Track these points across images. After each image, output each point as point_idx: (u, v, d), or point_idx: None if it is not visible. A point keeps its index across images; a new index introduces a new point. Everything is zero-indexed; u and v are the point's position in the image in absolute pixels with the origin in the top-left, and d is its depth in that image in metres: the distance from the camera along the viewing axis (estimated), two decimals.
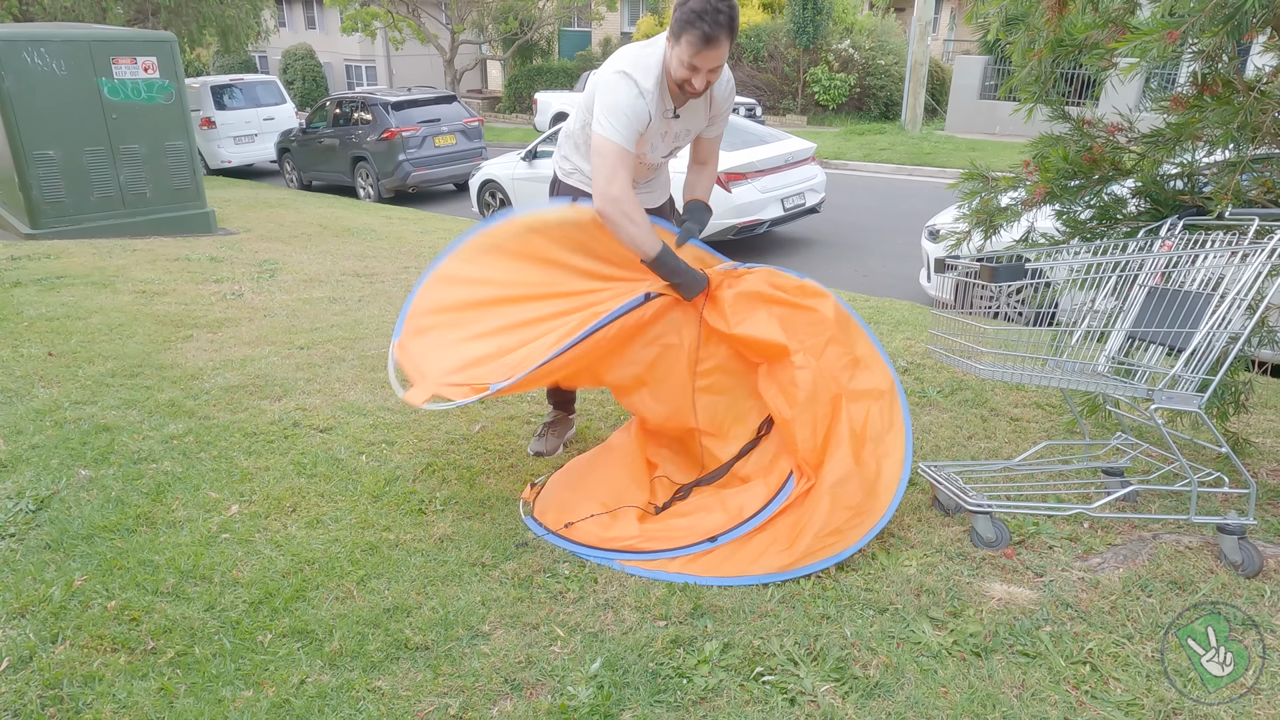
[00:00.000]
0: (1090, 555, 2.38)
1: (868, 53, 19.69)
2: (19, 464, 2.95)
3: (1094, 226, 2.91)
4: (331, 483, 2.83)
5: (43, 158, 7.36)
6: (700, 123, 2.64)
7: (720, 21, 2.21)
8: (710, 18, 2.20)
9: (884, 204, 10.48)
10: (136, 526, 2.56)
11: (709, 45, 2.24)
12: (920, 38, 15.97)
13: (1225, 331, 2.28)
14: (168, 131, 8.00)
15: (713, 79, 2.36)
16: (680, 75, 2.34)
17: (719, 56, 2.28)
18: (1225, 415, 2.80)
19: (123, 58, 7.57)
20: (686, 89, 2.38)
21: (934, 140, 15.55)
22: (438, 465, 2.95)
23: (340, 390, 3.66)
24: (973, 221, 3.03)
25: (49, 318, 4.75)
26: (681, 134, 2.62)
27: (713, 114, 2.65)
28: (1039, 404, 3.57)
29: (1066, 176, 2.82)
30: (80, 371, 3.86)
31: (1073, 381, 2.43)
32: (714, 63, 2.29)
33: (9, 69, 7.03)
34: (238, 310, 5.04)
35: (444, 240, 7.95)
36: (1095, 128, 2.98)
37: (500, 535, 2.50)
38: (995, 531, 2.41)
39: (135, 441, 3.12)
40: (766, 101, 20.09)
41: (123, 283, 5.69)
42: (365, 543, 2.47)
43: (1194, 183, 2.80)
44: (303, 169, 13.46)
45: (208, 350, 4.22)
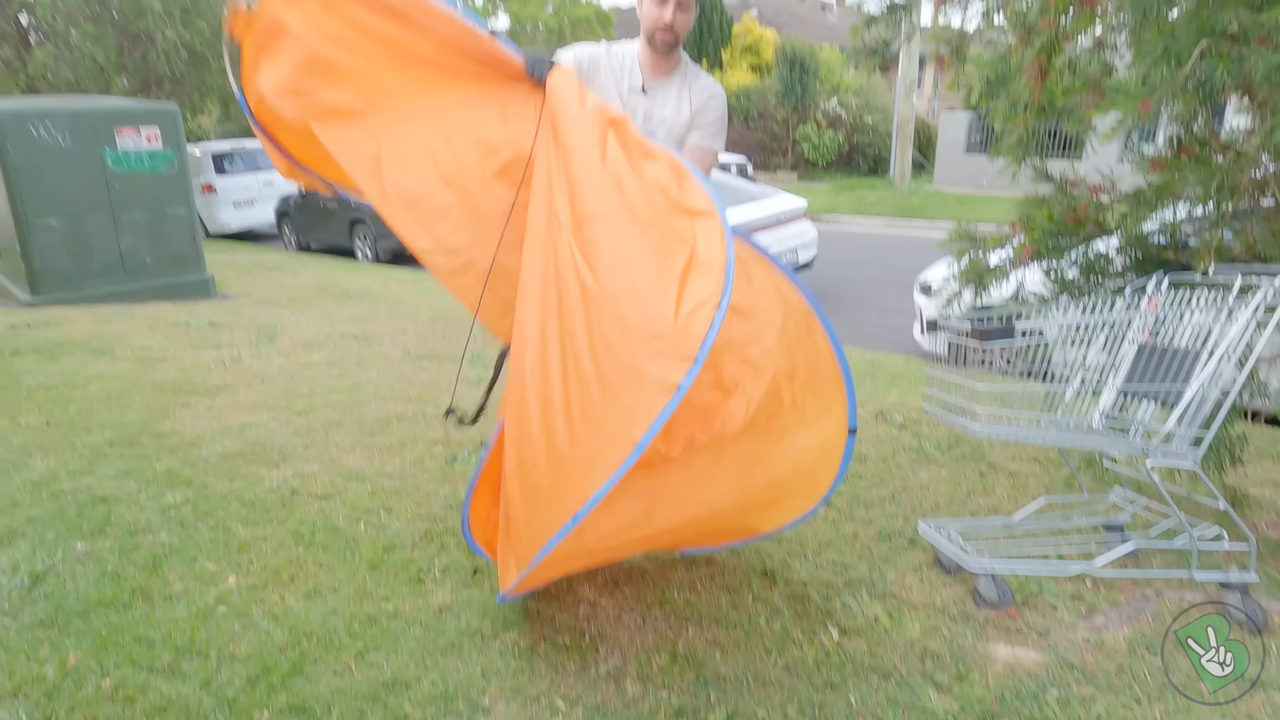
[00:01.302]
0: (1094, 614, 2.37)
1: (855, 111, 20.20)
2: (15, 537, 2.93)
3: (1082, 284, 2.97)
4: (330, 552, 2.81)
5: (45, 226, 7.46)
6: (671, 112, 2.48)
7: None
8: None
9: (875, 258, 10.62)
10: (133, 601, 2.53)
11: None
12: (905, 96, 16.40)
13: (1216, 387, 2.31)
14: (169, 199, 8.12)
15: (687, 17, 2.36)
16: (651, 14, 2.33)
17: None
18: (1222, 468, 2.81)
19: (127, 128, 7.73)
20: (659, 36, 2.35)
21: (922, 194, 15.83)
22: (436, 531, 2.94)
23: (338, 456, 3.66)
24: (963, 281, 3.08)
25: (47, 386, 4.76)
26: (655, 119, 2.47)
27: (696, 116, 2.49)
28: (1036, 458, 3.58)
29: (1052, 236, 2.89)
30: (78, 441, 3.86)
31: (1069, 439, 2.45)
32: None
33: (14, 141, 7.18)
34: (236, 376, 5.05)
35: (440, 300, 8.03)
36: (1078, 188, 3.06)
37: (499, 605, 2.48)
38: (998, 591, 2.40)
39: (132, 512, 3.11)
40: (757, 159, 20.50)
41: (122, 349, 5.72)
42: (364, 614, 2.44)
43: (1176, 240, 2.86)
44: (301, 232, 13.62)
45: (206, 417, 4.23)
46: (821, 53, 20.50)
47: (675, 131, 2.50)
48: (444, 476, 3.43)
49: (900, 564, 2.69)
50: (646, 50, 2.44)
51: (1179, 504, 2.92)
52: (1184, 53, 2.05)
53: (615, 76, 2.46)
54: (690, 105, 2.49)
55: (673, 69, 2.48)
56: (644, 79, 2.46)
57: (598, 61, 2.45)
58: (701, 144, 2.50)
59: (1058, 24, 2.40)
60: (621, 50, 2.49)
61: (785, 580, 2.61)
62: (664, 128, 2.49)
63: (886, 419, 4.15)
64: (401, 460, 3.61)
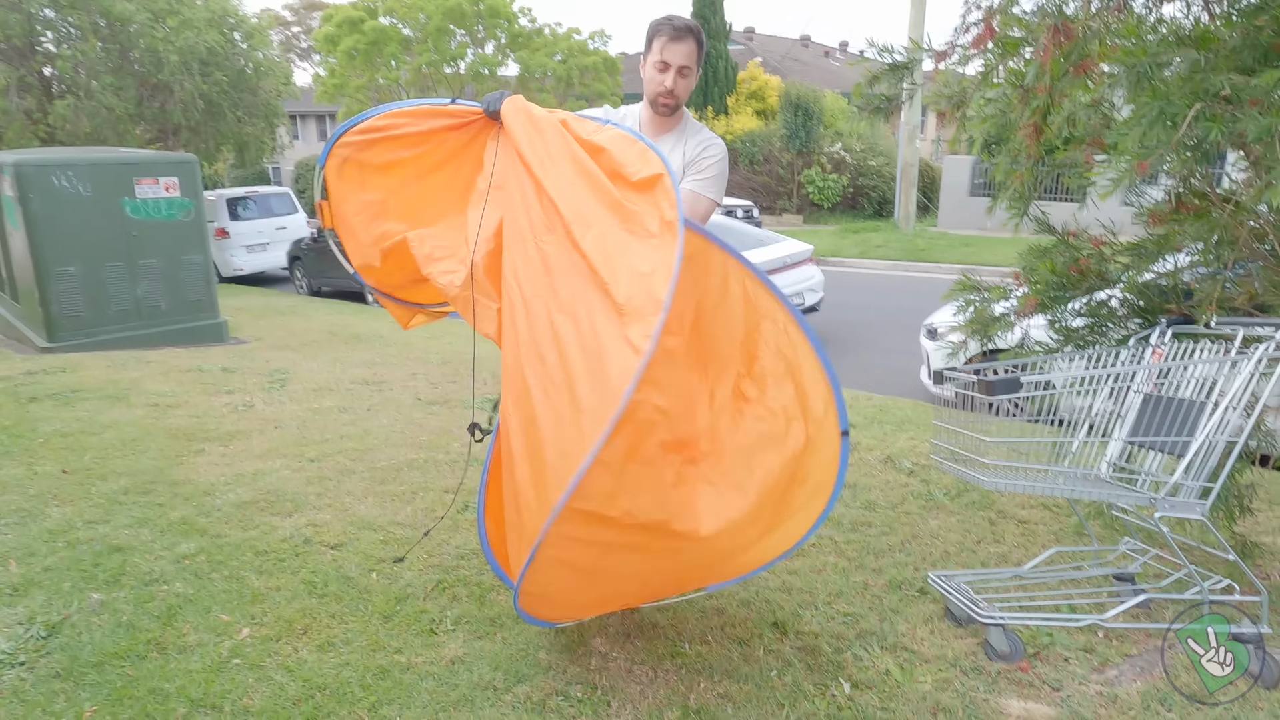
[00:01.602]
0: (1107, 667, 2.36)
1: (859, 154, 20.48)
2: (31, 587, 2.96)
3: (1086, 334, 3.01)
4: (342, 603, 2.83)
5: (63, 274, 7.60)
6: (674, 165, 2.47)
7: (688, 24, 2.46)
8: (676, 19, 2.46)
9: (882, 300, 10.69)
10: (147, 652, 2.55)
11: (676, 38, 2.44)
12: (909, 140, 16.63)
13: (1222, 437, 2.34)
14: (185, 246, 8.28)
15: (688, 84, 2.51)
16: (654, 80, 2.49)
17: (687, 53, 2.46)
18: (1232, 518, 2.81)
19: (146, 178, 7.92)
20: (661, 100, 2.50)
21: (927, 237, 15.97)
22: (448, 582, 2.95)
23: (350, 504, 3.69)
24: (969, 331, 3.13)
25: (63, 433, 4.82)
26: None
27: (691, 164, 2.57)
28: (1046, 506, 3.58)
29: (1056, 288, 2.93)
30: (93, 489, 3.90)
31: (1077, 490, 2.47)
32: (682, 58, 2.46)
33: (37, 191, 7.36)
34: (249, 422, 5.11)
35: (450, 345, 8.11)
36: (1080, 239, 3.11)
37: (512, 656, 2.49)
38: (1009, 644, 2.40)
39: (147, 562, 3.14)
40: (763, 202, 20.75)
41: (136, 396, 5.79)
42: (377, 666, 2.45)
43: (1178, 291, 2.90)
44: (313, 276, 13.81)
45: (219, 464, 4.27)
46: (825, 98, 20.87)
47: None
48: (455, 525, 3.46)
49: (911, 615, 2.70)
50: (648, 111, 2.58)
51: (1189, 555, 2.92)
52: (1179, 115, 2.12)
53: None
54: (684, 155, 2.59)
55: (673, 127, 2.60)
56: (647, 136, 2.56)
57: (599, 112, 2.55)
58: (695, 188, 2.55)
59: (1053, 87, 2.48)
60: (624, 112, 2.63)
61: (796, 631, 2.61)
62: None
63: (895, 465, 4.16)
64: (413, 509, 3.64)
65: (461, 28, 20.28)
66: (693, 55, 2.47)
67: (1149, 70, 2.15)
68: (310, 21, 44.11)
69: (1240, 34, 2.27)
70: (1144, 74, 2.16)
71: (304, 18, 45.81)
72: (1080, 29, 2.38)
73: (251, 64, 16.16)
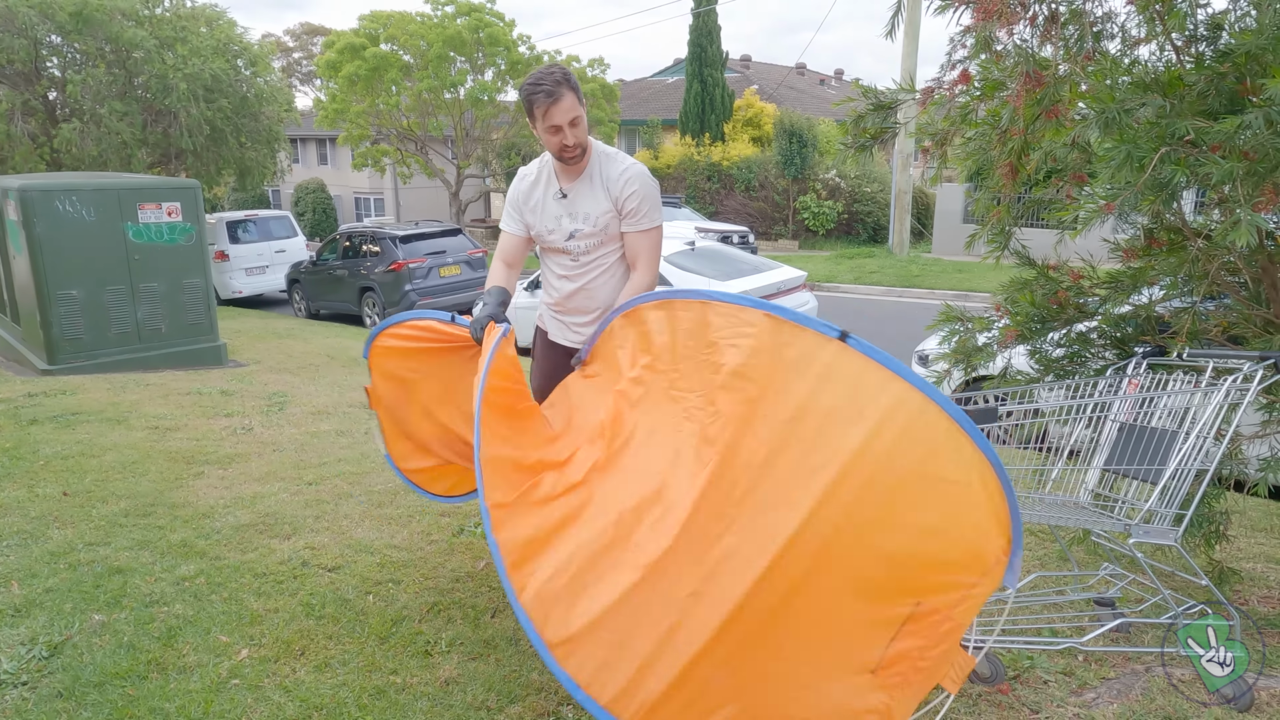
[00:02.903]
0: (1085, 690, 2.42)
1: (853, 181, 20.72)
2: (33, 608, 3.01)
3: (1065, 364, 3.10)
4: (339, 624, 2.88)
5: (65, 297, 7.69)
6: (597, 206, 2.72)
7: (554, 79, 2.56)
8: (546, 81, 2.55)
9: (876, 326, 10.81)
10: (148, 673, 2.60)
11: (554, 99, 2.55)
12: (903, 168, 16.86)
13: (1194, 465, 2.42)
14: (186, 270, 8.38)
15: (578, 134, 2.62)
16: (552, 142, 2.63)
17: (567, 110, 2.57)
18: (1210, 545, 2.89)
19: (149, 203, 8.04)
20: (565, 155, 2.65)
21: (921, 263, 16.14)
22: (443, 604, 3.01)
23: (348, 528, 3.75)
24: (952, 360, 3.22)
25: (64, 456, 4.87)
26: (580, 216, 2.74)
27: (618, 204, 2.71)
28: (1029, 530, 3.65)
29: (1036, 320, 3.03)
30: (94, 511, 3.96)
31: (1057, 517, 2.55)
32: (564, 116, 2.57)
33: (41, 216, 7.46)
34: (248, 445, 5.17)
35: None
36: (1060, 271, 3.22)
37: (505, 677, 2.55)
38: (991, 667, 2.46)
39: (147, 584, 3.19)
40: (759, 228, 20.96)
41: (136, 419, 5.85)
42: (373, 686, 2.51)
43: (1153, 323, 3.00)
44: (311, 299, 13.93)
45: (218, 487, 4.33)
46: (820, 125, 21.15)
47: (602, 220, 2.75)
48: (450, 549, 3.52)
49: None
50: (559, 163, 2.74)
51: (1167, 581, 3.00)
52: (1145, 158, 2.22)
53: (542, 189, 2.81)
54: (608, 195, 2.73)
55: (584, 169, 2.74)
56: (560, 184, 2.76)
57: (531, 183, 2.83)
58: (634, 230, 2.74)
59: (1027, 130, 2.59)
60: (536, 167, 2.84)
61: None
62: (589, 221, 2.76)
63: None
64: (409, 532, 3.70)
65: (461, 55, 20.58)
66: (573, 103, 2.59)
67: (1117, 115, 2.26)
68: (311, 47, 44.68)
69: (1205, 80, 2.38)
70: (1112, 119, 2.26)
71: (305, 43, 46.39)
72: (1050, 76, 2.49)
73: (254, 90, 16.38)
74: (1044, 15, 2.60)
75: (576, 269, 2.83)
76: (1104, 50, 2.78)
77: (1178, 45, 2.70)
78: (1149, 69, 2.70)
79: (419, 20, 20.54)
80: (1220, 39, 2.62)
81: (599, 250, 2.79)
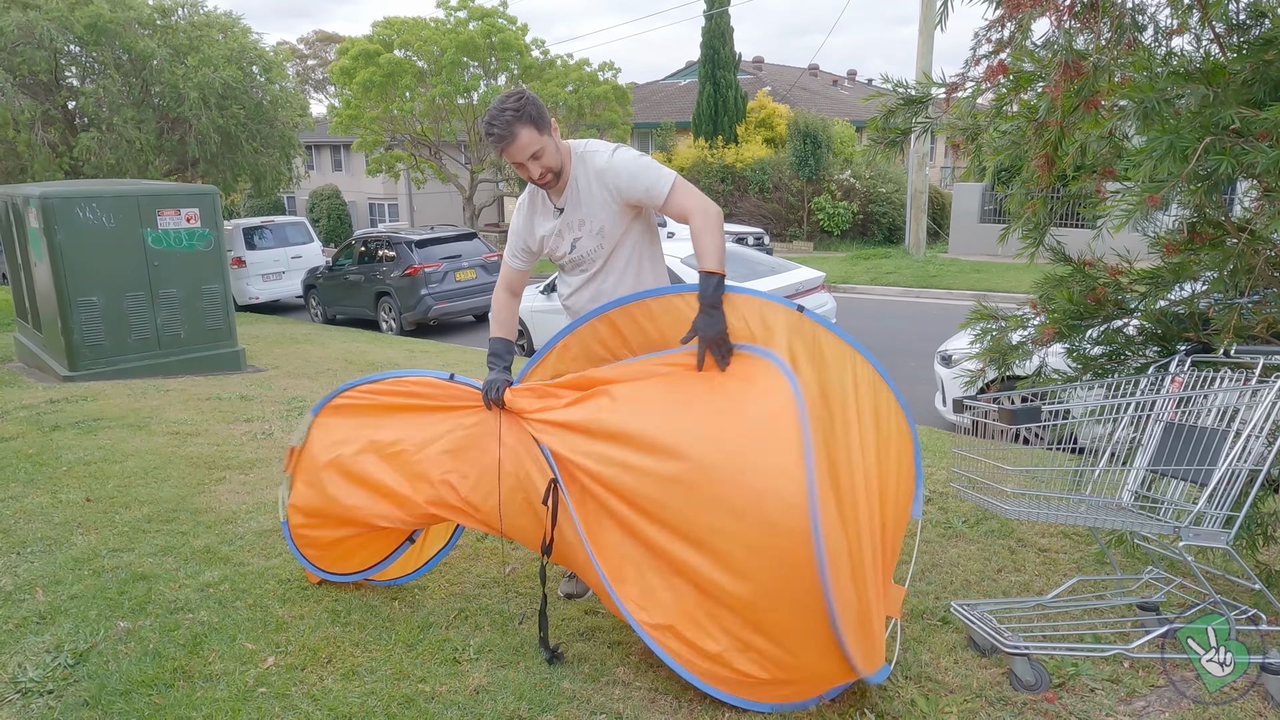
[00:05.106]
0: (1134, 698, 2.35)
1: (868, 181, 20.59)
2: (58, 615, 2.99)
3: (1104, 362, 3.02)
4: (366, 631, 2.84)
5: (86, 303, 7.73)
6: (590, 208, 2.67)
7: (505, 120, 2.49)
8: (497, 123, 2.50)
9: (894, 327, 10.70)
10: (174, 681, 2.57)
11: (507, 142, 2.51)
12: (918, 168, 16.73)
13: (1245, 466, 2.34)
14: (205, 276, 8.41)
15: (545, 162, 2.56)
16: (522, 176, 2.62)
17: (524, 146, 2.52)
18: (1255, 547, 2.80)
19: (168, 210, 8.07)
20: (540, 183, 2.63)
21: (938, 263, 16.00)
22: (470, 611, 2.97)
23: None
24: (986, 359, 3.15)
25: (86, 462, 4.87)
26: (577, 224, 2.70)
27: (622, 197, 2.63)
28: (1067, 534, 3.57)
29: (1073, 317, 2.95)
30: (117, 517, 3.94)
31: (1100, 519, 2.47)
32: (524, 153, 2.53)
33: (62, 223, 7.50)
34: (268, 450, 5.15)
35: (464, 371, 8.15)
36: (1097, 268, 3.14)
37: (536, 685, 2.50)
38: (1035, 674, 2.39)
39: (172, 590, 3.17)
40: (774, 229, 20.86)
41: (157, 424, 5.86)
42: (401, 695, 2.46)
43: (1195, 319, 2.92)
44: (327, 304, 13.96)
45: (240, 492, 4.31)
46: (834, 126, 21.03)
47: (607, 213, 2.67)
48: (475, 554, 3.47)
49: (934, 645, 2.69)
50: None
51: (1213, 584, 2.91)
52: (1189, 148, 2.15)
53: (539, 214, 2.80)
54: (605, 190, 2.64)
55: (567, 184, 2.69)
56: (553, 202, 2.74)
57: (527, 211, 2.83)
58: (660, 200, 2.58)
59: (1065, 121, 2.52)
60: (524, 195, 2.85)
61: None
62: (593, 223, 2.69)
63: None
64: None
65: (475, 60, 20.61)
66: (531, 137, 2.52)
67: (1158, 106, 2.19)
68: (325, 54, 44.94)
69: (1250, 68, 2.31)
70: (1153, 109, 2.19)
71: (318, 50, 46.68)
72: (1089, 65, 2.42)
73: (268, 96, 16.46)
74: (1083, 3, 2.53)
75: (587, 277, 2.83)
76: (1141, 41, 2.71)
77: (1219, 34, 2.62)
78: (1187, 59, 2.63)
79: (432, 26, 20.59)
80: (1263, 25, 2.55)
81: (606, 252, 2.75)
